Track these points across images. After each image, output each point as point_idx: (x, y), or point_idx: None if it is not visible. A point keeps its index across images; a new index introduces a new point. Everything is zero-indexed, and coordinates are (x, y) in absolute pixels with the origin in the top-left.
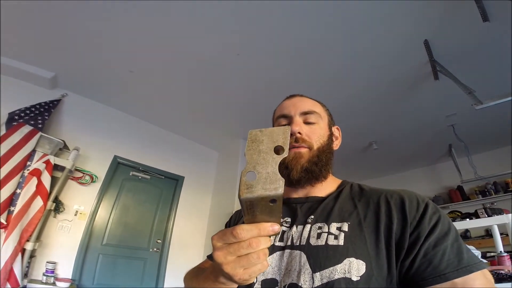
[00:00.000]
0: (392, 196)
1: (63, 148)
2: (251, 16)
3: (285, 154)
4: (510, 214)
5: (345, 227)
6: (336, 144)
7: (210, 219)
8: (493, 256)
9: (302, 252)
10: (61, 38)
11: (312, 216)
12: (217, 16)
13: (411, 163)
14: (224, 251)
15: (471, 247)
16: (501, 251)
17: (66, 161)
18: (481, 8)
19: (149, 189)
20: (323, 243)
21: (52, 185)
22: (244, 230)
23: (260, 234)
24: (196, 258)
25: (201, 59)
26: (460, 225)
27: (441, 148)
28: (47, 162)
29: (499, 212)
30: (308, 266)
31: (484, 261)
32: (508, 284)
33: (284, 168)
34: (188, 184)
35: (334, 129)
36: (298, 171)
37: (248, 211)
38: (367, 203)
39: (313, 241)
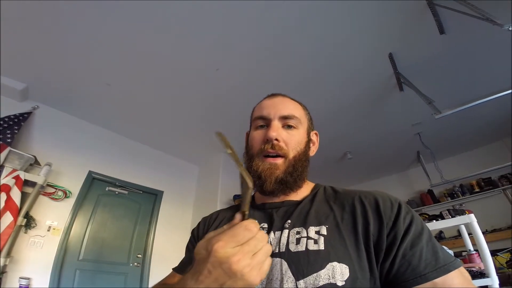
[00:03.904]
0: (366, 197)
1: (34, 163)
2: (230, 31)
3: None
4: (472, 214)
5: (324, 230)
6: (313, 150)
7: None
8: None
9: (282, 260)
10: (34, 47)
11: (289, 221)
12: (196, 29)
13: (384, 170)
14: (244, 254)
15: (444, 247)
16: (470, 250)
17: (37, 177)
18: (438, 22)
19: (127, 204)
20: (304, 249)
21: (23, 201)
22: (253, 223)
23: (258, 226)
24: None
25: (179, 73)
26: (428, 227)
27: (411, 155)
28: (17, 178)
29: (462, 213)
30: (291, 273)
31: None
32: (480, 281)
33: (257, 178)
34: (168, 198)
35: (312, 134)
36: (272, 183)
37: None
38: (342, 205)
39: (292, 247)
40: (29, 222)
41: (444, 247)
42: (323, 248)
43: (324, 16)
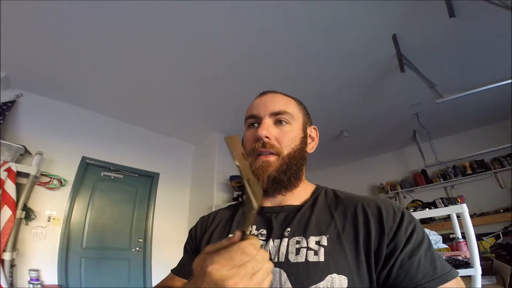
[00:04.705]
0: (369, 205)
1: (25, 153)
2: (222, 10)
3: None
4: (464, 205)
5: (324, 241)
6: (312, 147)
7: (190, 214)
8: (453, 239)
9: (281, 270)
10: (10, 33)
11: (289, 229)
12: (190, 7)
13: (380, 148)
14: (241, 278)
15: (433, 232)
16: (458, 237)
17: (29, 167)
18: (448, 4)
19: (124, 188)
20: (303, 260)
21: (19, 193)
22: (253, 245)
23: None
24: (180, 253)
25: (172, 52)
26: (420, 215)
27: (407, 134)
28: (9, 170)
29: (455, 201)
30: (290, 284)
31: (444, 246)
32: (464, 271)
33: None
34: (165, 180)
35: (311, 129)
36: (265, 181)
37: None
38: (344, 213)
39: (292, 258)
40: (29, 214)
41: (434, 232)
42: (323, 260)
43: None
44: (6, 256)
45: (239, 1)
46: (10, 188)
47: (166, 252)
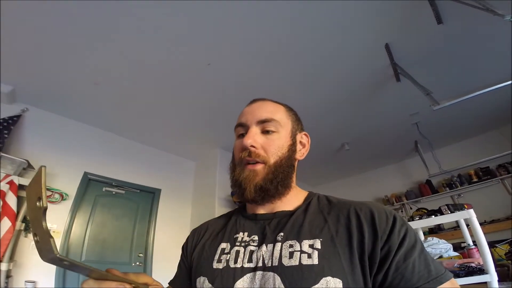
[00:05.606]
0: (362, 209)
1: (28, 167)
2: (219, 24)
3: (44, 204)
4: (471, 210)
5: (318, 244)
6: (302, 153)
7: (192, 229)
8: (464, 248)
9: (275, 274)
10: (19, 48)
11: (282, 234)
12: (185, 25)
13: (382, 160)
14: None
15: (442, 240)
16: (469, 244)
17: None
18: (435, 11)
19: (125, 203)
20: (297, 263)
21: (19, 205)
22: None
23: None
24: None
25: (173, 68)
26: (427, 222)
27: (409, 145)
28: (11, 183)
29: (461, 207)
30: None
31: (455, 253)
32: (479, 277)
33: (238, 186)
34: (166, 196)
35: (302, 135)
36: (252, 191)
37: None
38: (337, 217)
39: (285, 261)
40: (28, 226)
41: (444, 240)
42: (317, 263)
43: (319, 7)
44: (3, 267)
45: (237, 18)
46: (11, 200)
47: (167, 267)
